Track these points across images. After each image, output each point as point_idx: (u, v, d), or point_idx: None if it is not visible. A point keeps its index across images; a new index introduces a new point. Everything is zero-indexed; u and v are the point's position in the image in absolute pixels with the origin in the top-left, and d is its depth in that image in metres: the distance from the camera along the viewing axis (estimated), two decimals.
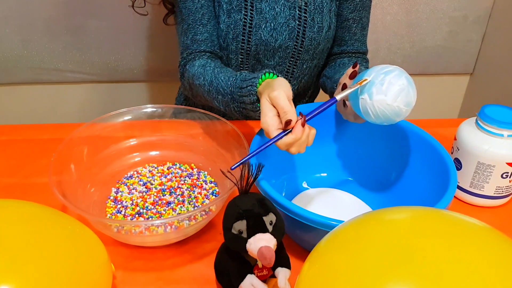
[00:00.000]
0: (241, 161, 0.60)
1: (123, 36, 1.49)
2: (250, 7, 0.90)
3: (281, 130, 0.62)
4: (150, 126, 0.82)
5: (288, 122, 0.60)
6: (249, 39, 0.91)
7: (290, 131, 0.61)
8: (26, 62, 1.52)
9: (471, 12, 1.58)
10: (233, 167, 0.60)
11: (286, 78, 0.97)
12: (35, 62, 1.52)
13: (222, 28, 0.92)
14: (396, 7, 1.54)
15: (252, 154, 0.62)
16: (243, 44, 0.92)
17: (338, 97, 0.64)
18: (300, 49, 0.93)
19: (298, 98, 1.06)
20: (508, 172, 0.72)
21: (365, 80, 0.63)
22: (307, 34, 0.91)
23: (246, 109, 0.73)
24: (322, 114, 0.79)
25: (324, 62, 1.03)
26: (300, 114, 0.62)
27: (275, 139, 0.61)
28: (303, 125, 0.61)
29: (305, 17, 0.91)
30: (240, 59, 0.94)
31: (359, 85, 0.63)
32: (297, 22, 0.91)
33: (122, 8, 1.45)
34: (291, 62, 0.95)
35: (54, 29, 1.46)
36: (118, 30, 1.48)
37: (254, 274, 0.55)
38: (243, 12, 0.90)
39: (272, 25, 0.91)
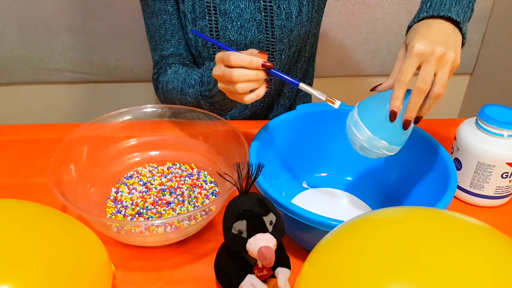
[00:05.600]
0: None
1: (123, 36, 1.50)
2: (213, 11, 0.89)
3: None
4: (150, 126, 0.82)
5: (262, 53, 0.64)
6: None
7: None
8: (26, 62, 1.52)
9: None
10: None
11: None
12: (35, 62, 1.52)
13: (191, 37, 0.92)
14: (396, 7, 1.54)
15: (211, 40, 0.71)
16: (214, 50, 0.92)
17: (301, 85, 0.65)
18: (273, 40, 0.92)
19: (287, 87, 1.04)
20: (508, 172, 0.72)
21: (332, 103, 0.65)
22: (276, 23, 0.90)
23: (213, 95, 0.76)
24: (323, 115, 0.80)
25: (315, 38, 1.02)
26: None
27: (234, 50, 0.65)
28: (263, 66, 0.64)
29: (271, 6, 0.89)
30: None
31: (326, 100, 0.65)
32: (263, 14, 0.90)
33: (122, 8, 1.45)
34: (267, 55, 0.94)
35: (54, 29, 1.46)
36: (118, 30, 1.48)
37: (254, 274, 0.55)
38: (207, 17, 0.89)
39: (238, 23, 0.90)
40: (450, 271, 0.37)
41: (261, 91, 0.66)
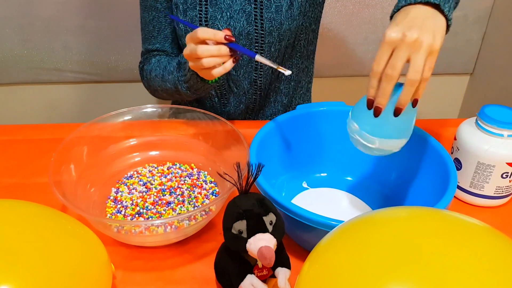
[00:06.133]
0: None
1: (123, 36, 1.50)
2: (204, 1, 0.90)
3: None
4: (150, 126, 0.82)
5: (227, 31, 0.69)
6: None
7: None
8: (26, 62, 1.52)
9: (471, 12, 1.58)
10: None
11: (257, 65, 0.96)
12: (35, 62, 1.52)
13: (181, 27, 0.94)
14: None
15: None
16: None
17: (257, 57, 0.70)
18: (262, 32, 0.91)
19: (283, 84, 1.03)
20: (508, 172, 0.72)
21: (284, 70, 0.67)
22: (265, 16, 0.90)
23: (189, 80, 0.81)
24: (323, 115, 0.80)
25: (313, 34, 1.01)
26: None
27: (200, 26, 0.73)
28: (226, 39, 0.69)
29: None
30: None
31: (278, 68, 0.68)
32: (253, 6, 0.90)
33: (122, 8, 1.45)
34: (256, 47, 0.94)
35: (54, 29, 1.46)
36: (118, 30, 1.48)
37: (254, 274, 0.55)
38: (197, 8, 0.91)
39: (228, 14, 0.90)
40: (450, 271, 0.37)
41: (228, 65, 0.72)
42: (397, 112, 0.61)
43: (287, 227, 0.56)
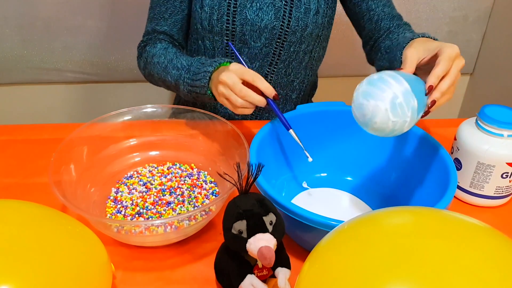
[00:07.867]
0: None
1: (123, 36, 1.50)
2: None
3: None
4: (150, 126, 0.82)
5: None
6: (234, 19, 0.92)
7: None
8: (26, 62, 1.52)
9: (471, 12, 1.58)
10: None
11: (273, 61, 0.96)
12: (35, 62, 1.52)
13: (206, 10, 0.93)
14: (396, 7, 1.54)
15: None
16: (228, 25, 0.92)
17: (291, 131, 0.73)
18: (287, 29, 0.92)
19: (290, 89, 1.03)
20: (508, 172, 0.72)
21: (308, 155, 0.73)
22: (294, 14, 0.91)
23: (195, 85, 0.81)
24: (323, 115, 0.80)
25: (323, 51, 1.02)
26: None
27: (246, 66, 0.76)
28: (274, 96, 0.73)
29: None
30: (225, 42, 0.94)
31: (305, 150, 0.73)
32: (284, 2, 0.91)
33: (122, 8, 1.45)
34: (277, 43, 0.94)
35: (54, 29, 1.46)
36: (118, 30, 1.48)
37: (254, 274, 0.55)
38: None
39: (258, 4, 0.91)
40: (450, 271, 0.37)
41: (250, 111, 0.75)
42: (432, 105, 0.70)
43: (287, 227, 0.56)
